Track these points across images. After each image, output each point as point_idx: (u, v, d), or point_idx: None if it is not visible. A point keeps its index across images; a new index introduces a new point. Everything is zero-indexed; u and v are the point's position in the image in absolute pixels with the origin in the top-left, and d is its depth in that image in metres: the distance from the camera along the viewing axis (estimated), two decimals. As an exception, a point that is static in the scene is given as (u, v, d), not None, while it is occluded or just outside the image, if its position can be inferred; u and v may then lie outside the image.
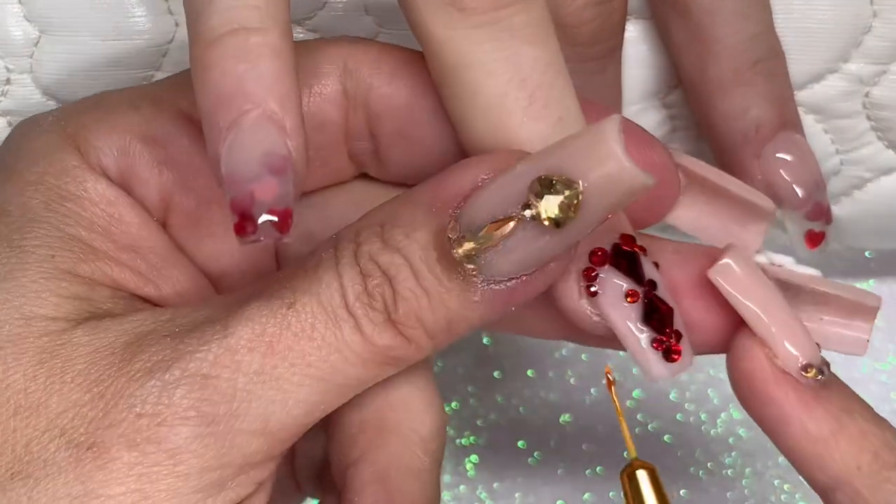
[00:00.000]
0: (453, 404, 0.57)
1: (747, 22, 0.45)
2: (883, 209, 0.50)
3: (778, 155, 0.45)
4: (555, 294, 0.35)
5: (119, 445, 0.32)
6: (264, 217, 0.31)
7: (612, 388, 0.37)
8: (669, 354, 0.34)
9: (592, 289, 0.35)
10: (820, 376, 0.35)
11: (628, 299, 0.34)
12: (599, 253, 0.35)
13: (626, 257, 0.35)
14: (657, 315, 0.34)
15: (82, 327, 0.34)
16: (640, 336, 0.35)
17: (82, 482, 0.32)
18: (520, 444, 0.56)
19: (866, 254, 0.57)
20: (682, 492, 0.56)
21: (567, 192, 0.31)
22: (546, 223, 0.32)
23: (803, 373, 0.35)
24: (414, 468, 0.36)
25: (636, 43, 0.47)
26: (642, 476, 0.35)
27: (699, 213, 0.39)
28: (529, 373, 0.57)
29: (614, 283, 0.35)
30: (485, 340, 0.57)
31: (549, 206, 0.32)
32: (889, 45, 0.46)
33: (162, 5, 0.45)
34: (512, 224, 0.32)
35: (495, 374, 0.57)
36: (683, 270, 0.36)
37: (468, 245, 0.32)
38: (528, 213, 0.32)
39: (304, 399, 0.33)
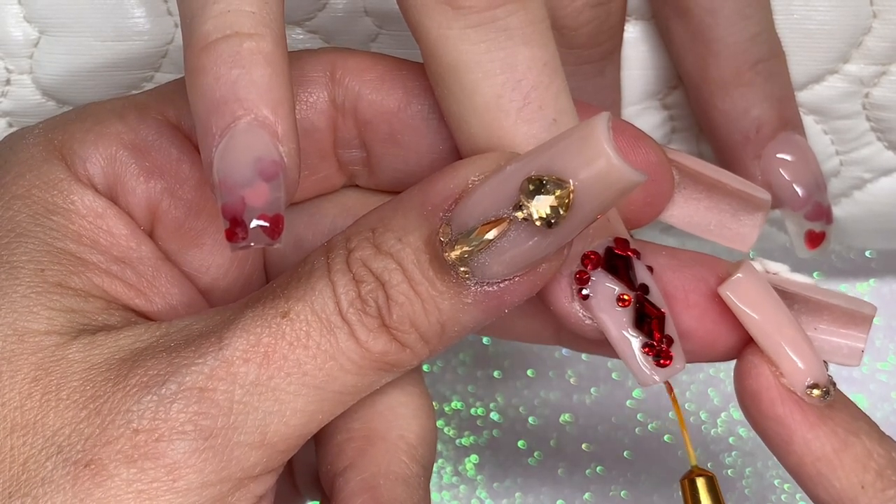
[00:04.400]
0: (453, 404, 0.57)
1: (748, 22, 0.44)
2: (883, 209, 0.49)
3: (778, 155, 0.45)
4: (547, 297, 0.35)
5: (117, 462, 0.32)
6: (255, 222, 0.31)
7: (673, 393, 0.37)
8: (660, 359, 0.34)
9: (584, 292, 0.35)
10: (826, 396, 0.35)
11: (620, 303, 0.34)
12: (592, 256, 0.34)
13: (618, 261, 0.35)
14: (648, 320, 0.34)
15: (76, 343, 0.34)
16: (630, 340, 0.34)
17: (80, 500, 0.32)
18: (520, 444, 0.56)
19: (867, 254, 0.57)
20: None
21: (558, 192, 0.31)
22: (538, 223, 0.31)
23: (809, 392, 0.35)
24: (402, 475, 0.36)
25: (636, 44, 0.47)
26: (701, 484, 0.36)
27: (694, 209, 0.39)
28: (529, 373, 0.57)
29: (606, 287, 0.35)
30: (485, 340, 0.57)
31: (541, 206, 0.31)
32: (889, 45, 0.46)
33: (161, 6, 0.45)
34: (503, 225, 0.32)
35: (495, 374, 0.57)
36: (678, 276, 0.36)
37: (460, 247, 0.32)
38: (519, 213, 0.32)
39: (301, 409, 0.33)
